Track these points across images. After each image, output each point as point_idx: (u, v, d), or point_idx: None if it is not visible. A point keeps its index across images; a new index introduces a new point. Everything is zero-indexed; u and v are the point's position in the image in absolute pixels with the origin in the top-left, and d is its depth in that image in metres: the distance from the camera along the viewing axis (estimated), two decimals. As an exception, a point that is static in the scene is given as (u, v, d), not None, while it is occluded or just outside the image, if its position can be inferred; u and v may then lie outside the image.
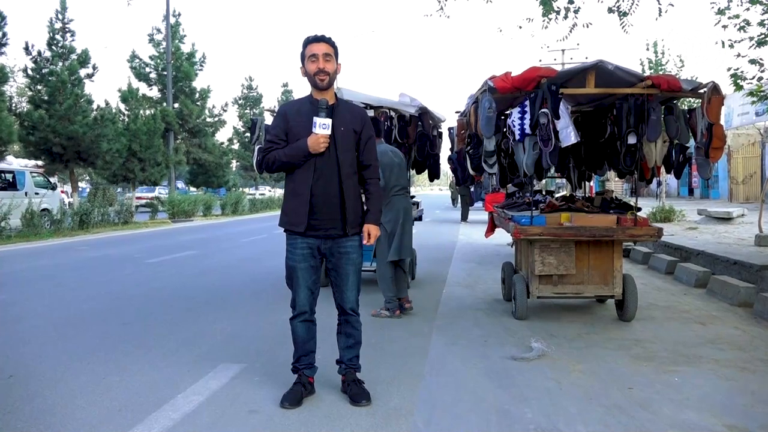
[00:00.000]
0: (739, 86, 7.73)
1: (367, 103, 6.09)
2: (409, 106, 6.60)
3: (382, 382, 3.55)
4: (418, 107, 6.65)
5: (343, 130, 3.21)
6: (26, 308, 5.89)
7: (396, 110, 6.61)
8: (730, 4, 7.69)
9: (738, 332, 4.81)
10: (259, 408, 3.21)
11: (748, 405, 3.27)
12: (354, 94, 5.91)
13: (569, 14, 8.01)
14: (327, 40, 3.20)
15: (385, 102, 6.41)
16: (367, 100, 6.12)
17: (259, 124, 6.54)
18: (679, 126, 5.01)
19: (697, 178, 26.14)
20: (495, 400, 3.33)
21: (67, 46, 18.76)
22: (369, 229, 3.28)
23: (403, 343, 4.54)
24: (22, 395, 3.42)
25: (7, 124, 16.06)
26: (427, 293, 6.56)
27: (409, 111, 6.60)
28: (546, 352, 4.17)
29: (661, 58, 20.46)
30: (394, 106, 6.51)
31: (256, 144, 6.35)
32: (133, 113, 21.83)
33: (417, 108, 6.65)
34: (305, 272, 3.26)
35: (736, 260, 6.80)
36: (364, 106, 5.65)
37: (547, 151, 4.52)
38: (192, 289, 6.92)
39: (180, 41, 27.36)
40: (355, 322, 3.37)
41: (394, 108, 6.56)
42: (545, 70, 4.71)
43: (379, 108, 6.38)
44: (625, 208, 5.35)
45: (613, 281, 5.07)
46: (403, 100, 6.68)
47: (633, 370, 3.84)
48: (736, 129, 21.17)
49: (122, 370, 3.86)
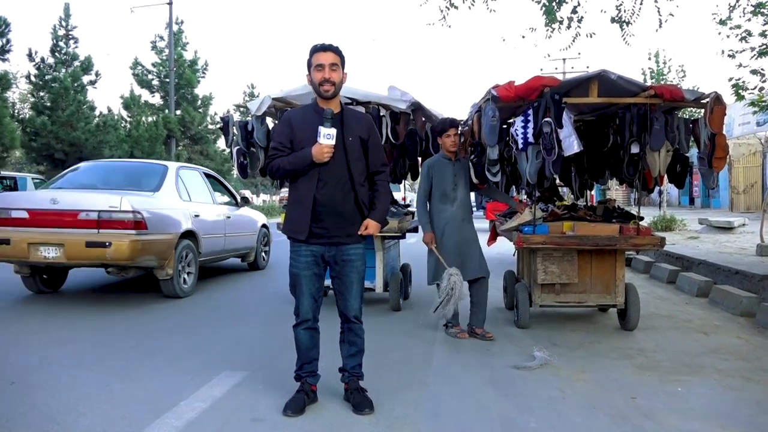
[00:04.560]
0: (741, 96, 7.77)
1: (353, 98, 5.56)
2: (400, 101, 5.76)
3: (385, 391, 3.54)
4: (409, 102, 5.79)
5: (351, 139, 3.22)
6: (28, 315, 5.87)
7: (387, 106, 5.82)
8: (732, 14, 7.74)
9: (741, 342, 4.80)
10: (263, 416, 3.20)
11: (753, 415, 3.27)
12: None
13: (572, 24, 8.05)
14: (334, 49, 3.20)
15: (372, 96, 5.67)
16: (353, 95, 5.56)
17: (231, 122, 6.14)
18: (677, 135, 5.03)
19: (698, 187, 26.18)
20: (499, 409, 3.32)
21: (71, 52, 18.87)
22: (368, 223, 3.27)
23: (407, 351, 4.53)
24: (24, 402, 3.40)
25: (10, 130, 16.14)
26: (430, 301, 6.54)
27: (399, 107, 5.77)
28: (549, 361, 4.16)
29: (663, 67, 20.54)
30: (382, 101, 5.75)
31: (233, 146, 6.05)
32: (136, 120, 21.91)
33: (408, 103, 5.78)
34: (309, 280, 3.26)
35: (737, 270, 6.80)
36: (348, 102, 5.34)
37: (550, 160, 4.52)
38: (194, 296, 6.91)
39: (183, 48, 27.44)
40: (358, 330, 3.36)
41: (384, 104, 5.79)
42: (548, 79, 4.72)
43: (367, 104, 5.66)
44: (627, 218, 5.36)
45: (616, 290, 5.07)
46: (392, 95, 5.89)
47: (637, 379, 3.84)
48: (737, 138, 21.20)
49: (125, 377, 3.85)
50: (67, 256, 5.82)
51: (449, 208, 4.93)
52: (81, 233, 5.84)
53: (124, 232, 5.84)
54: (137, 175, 6.94)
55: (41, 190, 7.30)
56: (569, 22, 8.07)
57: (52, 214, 5.94)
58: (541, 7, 7.78)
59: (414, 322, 5.54)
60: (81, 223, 5.87)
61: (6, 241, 5.89)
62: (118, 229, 5.85)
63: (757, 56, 7.47)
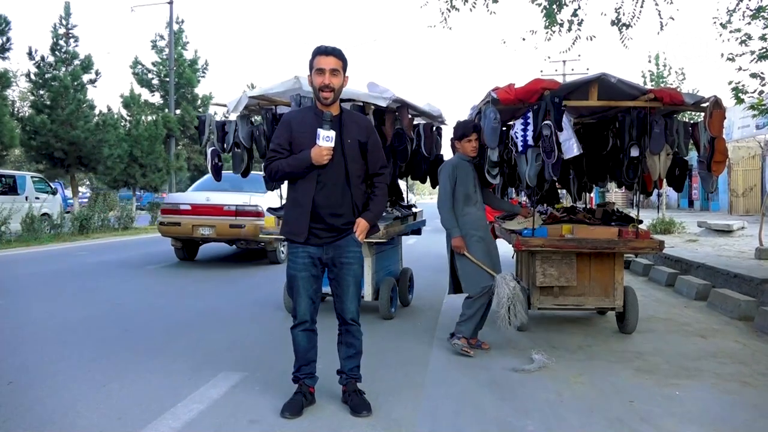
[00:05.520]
0: (740, 99, 7.78)
1: None
2: (380, 98, 5.37)
3: (383, 393, 3.54)
4: (390, 99, 5.42)
5: (350, 141, 3.22)
6: (26, 314, 5.87)
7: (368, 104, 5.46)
8: (732, 18, 7.76)
9: (739, 346, 4.80)
10: (260, 418, 3.20)
11: (749, 419, 3.27)
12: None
13: (572, 27, 8.06)
14: (336, 53, 3.18)
15: (350, 93, 5.24)
16: None
17: (207, 122, 6.01)
18: (677, 138, 5.03)
19: (697, 190, 26.21)
20: (496, 412, 3.32)
21: (71, 51, 18.84)
22: (359, 222, 3.25)
23: (405, 353, 4.53)
24: (21, 402, 3.40)
25: (10, 129, 16.13)
26: (428, 303, 6.55)
27: (379, 104, 5.40)
28: (547, 363, 4.16)
29: (662, 70, 20.56)
30: (361, 98, 5.38)
31: (208, 146, 5.95)
32: (135, 119, 21.86)
33: (389, 100, 5.41)
34: (306, 281, 3.25)
35: (736, 273, 6.80)
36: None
37: (550, 163, 4.52)
38: (192, 297, 6.91)
39: (183, 48, 27.44)
40: (356, 332, 3.36)
41: (365, 101, 5.42)
42: (548, 82, 4.72)
43: (348, 101, 5.30)
44: (626, 221, 5.36)
45: (614, 293, 5.07)
46: (372, 91, 5.48)
47: (634, 382, 3.84)
48: (736, 142, 21.24)
49: (122, 377, 3.85)
50: (217, 233, 9.31)
51: (474, 210, 4.67)
52: (225, 219, 9.30)
53: (252, 219, 9.17)
54: (252, 182, 8.84)
55: (195, 192, 10.36)
56: (569, 25, 8.09)
57: (207, 207, 9.48)
58: (542, 10, 7.79)
59: (412, 325, 5.53)
60: (225, 213, 9.33)
61: (178, 223, 9.53)
62: (248, 216, 9.23)
63: (757, 60, 7.48)
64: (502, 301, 4.36)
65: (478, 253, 4.54)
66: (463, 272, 4.59)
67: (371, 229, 3.34)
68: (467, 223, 4.58)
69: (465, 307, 4.57)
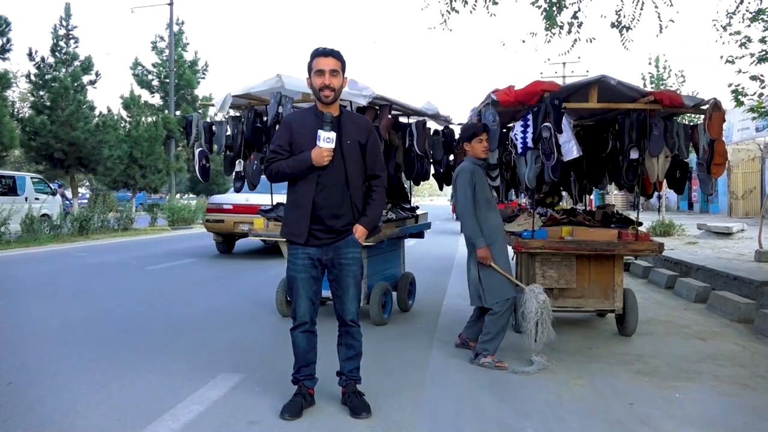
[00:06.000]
0: (740, 102, 7.77)
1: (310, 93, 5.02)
2: (359, 96, 5.14)
3: (382, 395, 3.54)
4: (370, 97, 5.17)
5: (350, 143, 3.22)
6: (26, 314, 5.87)
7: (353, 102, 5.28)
8: (731, 20, 7.77)
9: (738, 348, 4.80)
10: (259, 419, 3.20)
11: (749, 422, 3.27)
12: (296, 82, 5.09)
13: (572, 29, 8.07)
14: (335, 54, 3.19)
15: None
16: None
17: (195, 122, 5.92)
18: (676, 141, 5.03)
19: (697, 193, 26.21)
20: (496, 414, 3.32)
21: (71, 52, 18.83)
22: (356, 229, 3.26)
23: (404, 355, 4.53)
24: (21, 402, 3.40)
25: (9, 129, 16.12)
26: (427, 305, 6.55)
27: (359, 102, 5.17)
28: (547, 365, 4.16)
29: (662, 72, 20.58)
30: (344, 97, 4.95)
31: (195, 147, 5.87)
32: (135, 120, 21.89)
33: (369, 98, 5.17)
34: (305, 282, 3.26)
35: (736, 276, 6.80)
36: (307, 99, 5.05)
37: (549, 165, 4.52)
38: (192, 298, 6.91)
39: (183, 49, 27.49)
40: (355, 333, 3.36)
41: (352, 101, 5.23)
42: (548, 84, 4.72)
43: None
44: (626, 223, 5.36)
45: (614, 295, 5.07)
46: (352, 88, 5.16)
47: (634, 385, 3.84)
48: (736, 144, 21.25)
49: (122, 377, 3.85)
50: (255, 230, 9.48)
51: (494, 215, 4.44)
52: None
53: None
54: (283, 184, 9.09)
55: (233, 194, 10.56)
56: (569, 27, 8.09)
57: (247, 206, 10.52)
58: (542, 12, 7.80)
59: (412, 327, 5.53)
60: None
61: (222, 220, 11.09)
62: None
63: (757, 62, 7.49)
64: (530, 315, 4.19)
65: (502, 261, 4.36)
66: (488, 283, 4.36)
67: (372, 231, 3.35)
68: (491, 230, 4.37)
69: (490, 324, 4.30)
